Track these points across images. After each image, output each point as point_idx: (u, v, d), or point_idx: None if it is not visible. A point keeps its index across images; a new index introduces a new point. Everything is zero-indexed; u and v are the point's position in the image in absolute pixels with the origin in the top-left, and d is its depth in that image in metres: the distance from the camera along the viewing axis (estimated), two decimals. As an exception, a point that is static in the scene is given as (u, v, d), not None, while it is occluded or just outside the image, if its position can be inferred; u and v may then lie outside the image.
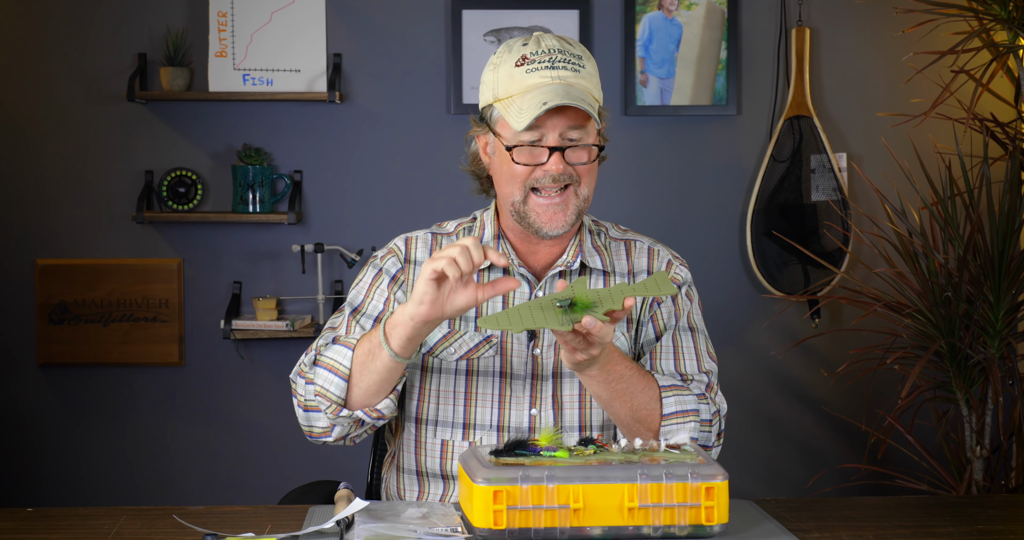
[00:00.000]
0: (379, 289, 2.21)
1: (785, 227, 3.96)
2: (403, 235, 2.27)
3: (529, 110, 2.03)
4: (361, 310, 2.20)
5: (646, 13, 3.95)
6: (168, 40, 3.88)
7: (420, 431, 2.18)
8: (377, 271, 2.22)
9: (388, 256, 2.23)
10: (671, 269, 2.24)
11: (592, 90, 2.11)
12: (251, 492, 3.98)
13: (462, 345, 2.16)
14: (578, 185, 2.10)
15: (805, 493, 3.99)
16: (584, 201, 2.12)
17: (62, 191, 3.95)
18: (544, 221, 2.10)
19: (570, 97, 2.03)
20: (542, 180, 2.08)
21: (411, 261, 2.22)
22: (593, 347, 1.91)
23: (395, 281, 2.20)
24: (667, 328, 2.20)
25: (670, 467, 1.78)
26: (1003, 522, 2.01)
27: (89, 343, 3.95)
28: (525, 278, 2.18)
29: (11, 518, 1.99)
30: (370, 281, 2.22)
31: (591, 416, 2.17)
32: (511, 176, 2.10)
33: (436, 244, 2.23)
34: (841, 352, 3.87)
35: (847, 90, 4.01)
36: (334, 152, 3.97)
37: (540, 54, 2.09)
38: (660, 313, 2.21)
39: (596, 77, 2.13)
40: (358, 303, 2.22)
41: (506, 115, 2.08)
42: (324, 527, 1.85)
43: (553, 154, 2.07)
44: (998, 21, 3.44)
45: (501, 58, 2.12)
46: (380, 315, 2.19)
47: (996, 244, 3.39)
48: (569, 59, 2.10)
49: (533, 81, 2.08)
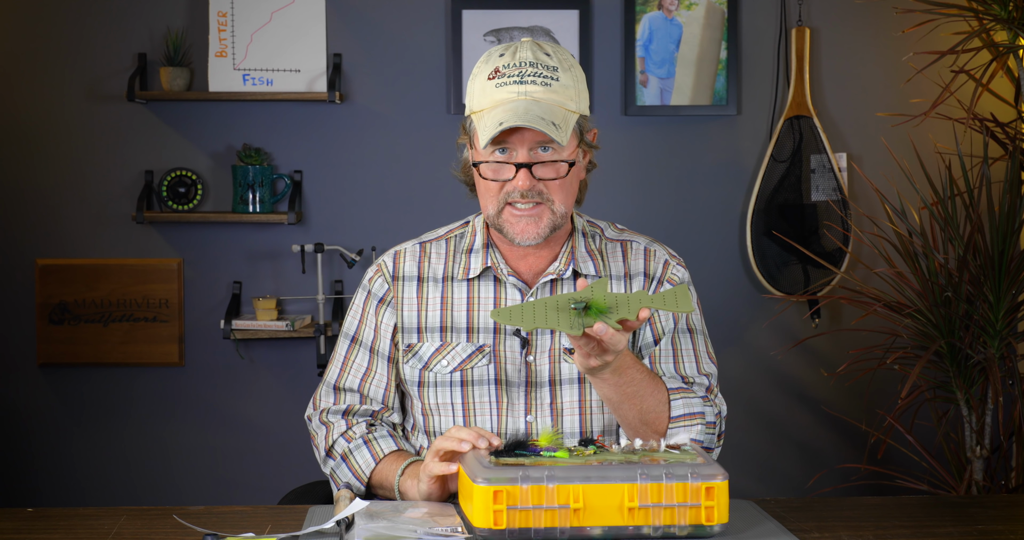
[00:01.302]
0: (368, 315, 2.23)
1: (785, 227, 3.96)
2: (392, 250, 2.26)
3: (489, 128, 2.03)
4: (357, 340, 2.24)
5: (646, 13, 3.95)
6: (168, 40, 3.88)
7: (422, 443, 2.21)
8: (366, 295, 2.24)
9: (376, 277, 2.24)
10: (668, 269, 2.22)
11: (565, 103, 2.07)
12: (251, 492, 3.98)
13: (455, 357, 2.16)
14: (552, 203, 2.08)
15: (805, 493, 3.99)
16: (561, 217, 2.10)
17: (62, 191, 3.95)
18: (517, 231, 2.10)
19: (528, 116, 2.01)
20: (512, 195, 2.08)
21: (399, 277, 2.22)
22: (607, 353, 1.90)
23: (383, 302, 2.22)
24: (665, 331, 2.19)
25: (670, 467, 1.78)
26: (1003, 522, 2.01)
27: (89, 343, 3.95)
28: (516, 287, 2.18)
29: (11, 518, 1.99)
30: (361, 307, 2.24)
31: (591, 422, 2.16)
32: (486, 190, 2.11)
33: (424, 254, 2.23)
34: (841, 352, 3.87)
35: (847, 90, 4.01)
36: (334, 152, 3.98)
37: (512, 67, 2.07)
38: (658, 315, 2.20)
39: (574, 88, 2.09)
40: (353, 332, 2.25)
41: (476, 129, 2.08)
42: (324, 527, 1.85)
43: (520, 170, 2.06)
44: (998, 21, 3.44)
45: (480, 68, 2.12)
46: (373, 345, 2.21)
47: (996, 244, 3.39)
48: (540, 72, 2.06)
49: (500, 96, 2.06)
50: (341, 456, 2.16)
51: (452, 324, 2.17)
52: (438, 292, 2.19)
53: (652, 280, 2.21)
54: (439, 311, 2.18)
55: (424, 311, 2.19)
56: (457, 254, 2.21)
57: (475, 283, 2.19)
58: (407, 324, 2.19)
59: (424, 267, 2.21)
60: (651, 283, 2.21)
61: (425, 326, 2.18)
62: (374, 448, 2.14)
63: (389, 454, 2.13)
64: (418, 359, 2.17)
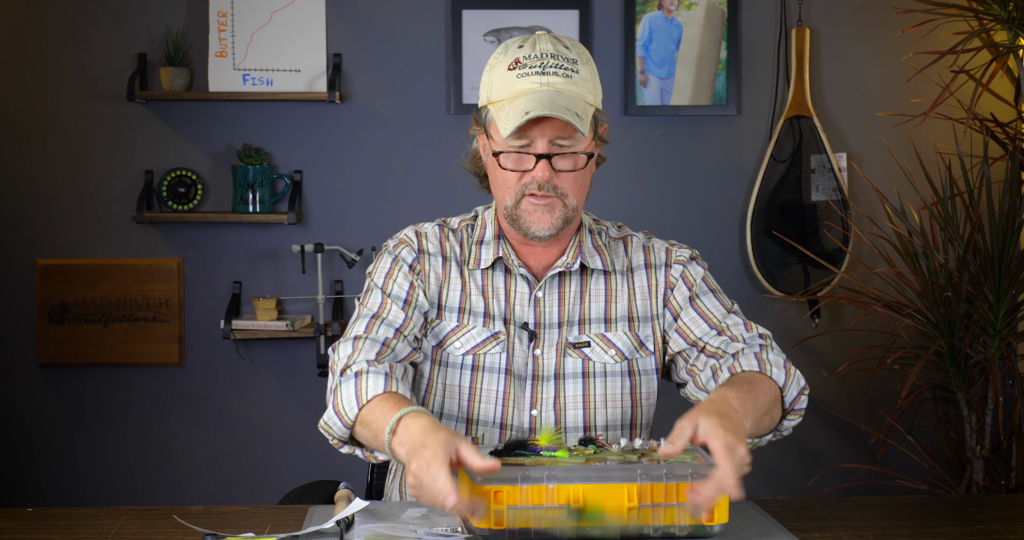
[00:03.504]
0: (401, 272, 2.18)
1: (785, 227, 3.96)
2: (411, 227, 2.26)
3: (513, 118, 2.03)
4: (386, 290, 2.17)
5: (646, 13, 3.95)
6: (168, 40, 3.88)
7: None
8: (393, 259, 2.20)
9: (401, 246, 2.21)
10: (671, 255, 2.24)
11: (584, 95, 2.09)
12: (251, 492, 3.98)
13: (469, 340, 2.16)
14: (565, 197, 2.09)
15: (805, 493, 3.99)
16: (573, 210, 2.11)
17: (62, 191, 3.95)
18: (533, 221, 2.10)
19: (554, 107, 2.02)
20: (530, 187, 2.08)
21: (424, 251, 2.21)
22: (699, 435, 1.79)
23: (412, 269, 2.19)
24: (682, 306, 2.20)
25: (670, 467, 1.78)
26: (1003, 522, 2.01)
27: (89, 343, 3.95)
28: (525, 278, 2.19)
29: (11, 518, 1.99)
30: (389, 266, 2.19)
31: (595, 417, 2.17)
32: (503, 181, 2.11)
33: (444, 237, 2.23)
34: (841, 352, 3.87)
35: (847, 90, 4.01)
36: (334, 152, 3.98)
37: (533, 59, 2.08)
38: (673, 297, 2.21)
39: (591, 81, 2.11)
40: (381, 284, 2.17)
41: (496, 119, 2.08)
42: (324, 527, 1.85)
43: (540, 161, 2.06)
44: (998, 21, 3.44)
45: (497, 59, 2.12)
46: (408, 298, 2.15)
47: (996, 244, 3.39)
48: (562, 64, 2.08)
49: (522, 87, 2.07)
50: (355, 374, 1.99)
51: (470, 307, 2.17)
52: (459, 274, 2.19)
53: (655, 268, 2.23)
54: (459, 292, 2.18)
55: (446, 289, 2.18)
56: (470, 244, 2.22)
57: (488, 273, 2.20)
58: (430, 297, 2.18)
59: (446, 247, 2.21)
60: (655, 271, 2.23)
61: (445, 304, 2.18)
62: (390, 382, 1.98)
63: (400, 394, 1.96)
64: (434, 336, 2.17)
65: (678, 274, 2.22)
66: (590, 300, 2.20)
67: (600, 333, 2.18)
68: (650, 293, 2.22)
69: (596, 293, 2.20)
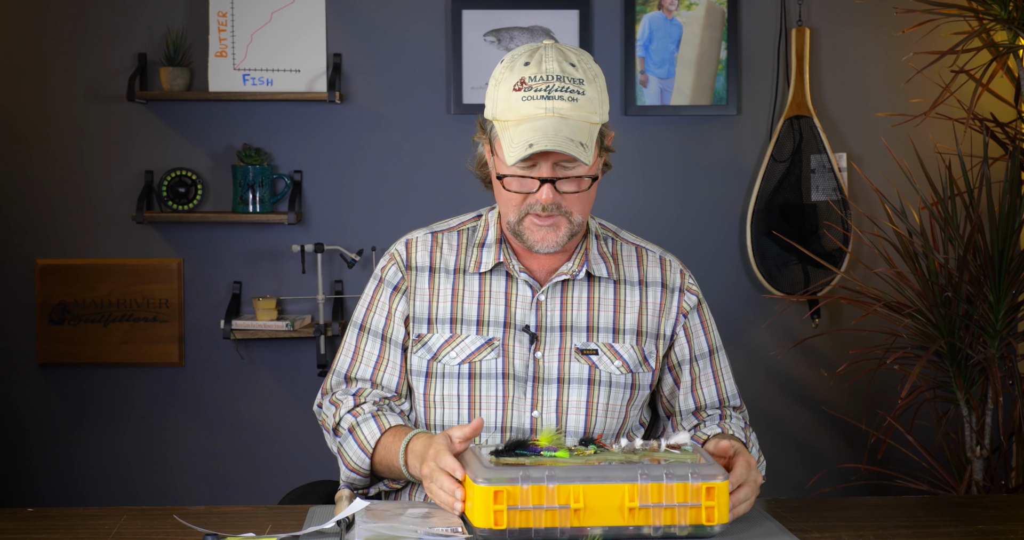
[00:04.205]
0: (380, 303, 2.23)
1: (785, 227, 3.96)
2: (404, 238, 2.27)
3: (517, 147, 2.03)
4: (366, 328, 2.24)
5: (646, 13, 3.95)
6: (168, 40, 3.88)
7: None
8: (378, 283, 2.25)
9: (389, 266, 2.24)
10: (685, 279, 2.26)
11: (590, 117, 2.08)
12: (251, 492, 3.98)
13: (464, 349, 2.17)
14: (570, 215, 2.10)
15: (805, 493, 3.99)
16: (578, 225, 2.12)
17: (62, 191, 3.95)
18: (536, 239, 2.11)
19: (558, 138, 2.01)
20: (534, 207, 2.09)
21: (412, 267, 2.22)
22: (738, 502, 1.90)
23: (397, 291, 2.22)
24: (698, 357, 2.27)
25: (670, 467, 1.79)
26: (1003, 522, 2.01)
27: (89, 343, 3.95)
28: (528, 284, 2.19)
29: (11, 518, 1.99)
30: (372, 295, 2.25)
31: (596, 424, 2.17)
32: (508, 199, 2.11)
33: (436, 245, 2.23)
34: (841, 352, 3.87)
35: (847, 90, 4.01)
36: (334, 152, 3.98)
37: (538, 80, 2.06)
38: (693, 336, 2.27)
39: (598, 99, 2.10)
40: (362, 321, 2.25)
41: (501, 139, 2.07)
42: (324, 527, 1.85)
43: (544, 185, 2.06)
44: (998, 21, 3.44)
45: (503, 75, 2.09)
46: (385, 333, 2.21)
47: (996, 244, 3.39)
48: (567, 87, 2.06)
49: (527, 111, 2.05)
50: (348, 429, 2.13)
51: (462, 316, 2.18)
52: (449, 284, 2.20)
53: (671, 290, 2.24)
54: (450, 303, 2.19)
55: (435, 302, 2.19)
56: (469, 247, 2.22)
57: (487, 277, 2.20)
58: (418, 314, 2.19)
59: (436, 257, 2.22)
60: (670, 293, 2.24)
61: (436, 317, 2.19)
62: (381, 420, 2.13)
63: (395, 426, 2.11)
64: (427, 349, 2.18)
65: (686, 314, 2.27)
66: (599, 308, 2.19)
67: (608, 343, 2.18)
68: (661, 313, 2.23)
69: (605, 302, 2.20)
